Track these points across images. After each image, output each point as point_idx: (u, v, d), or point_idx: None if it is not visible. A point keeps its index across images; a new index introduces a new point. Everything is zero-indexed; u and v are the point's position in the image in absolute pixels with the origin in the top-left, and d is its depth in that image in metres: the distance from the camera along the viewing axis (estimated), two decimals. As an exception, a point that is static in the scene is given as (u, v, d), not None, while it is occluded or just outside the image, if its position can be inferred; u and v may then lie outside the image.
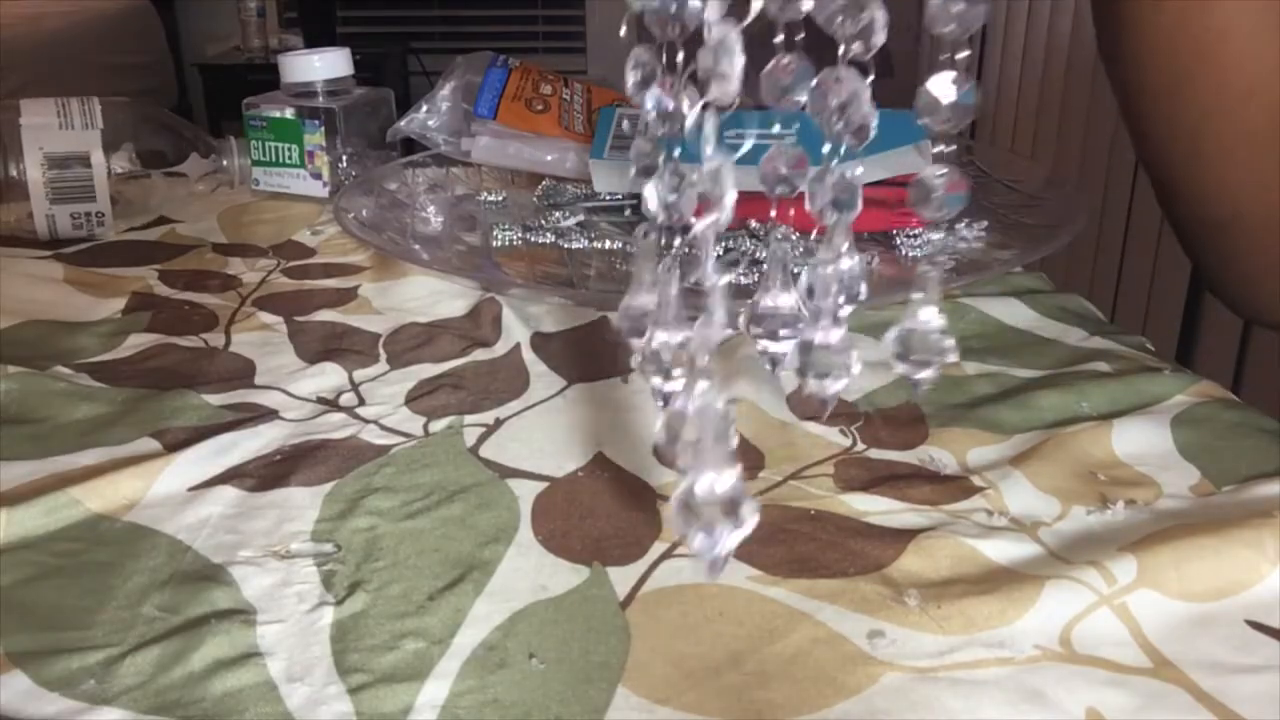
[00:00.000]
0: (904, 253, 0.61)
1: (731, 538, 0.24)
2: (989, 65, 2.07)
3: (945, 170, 0.24)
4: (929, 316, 0.30)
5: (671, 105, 0.24)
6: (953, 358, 0.32)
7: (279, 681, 0.31)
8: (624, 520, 0.38)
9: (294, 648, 0.32)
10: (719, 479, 0.24)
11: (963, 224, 0.63)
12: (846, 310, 0.28)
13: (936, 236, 0.63)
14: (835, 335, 0.29)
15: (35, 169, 0.65)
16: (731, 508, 0.24)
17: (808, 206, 0.26)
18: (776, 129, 0.69)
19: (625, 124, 0.70)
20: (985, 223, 0.63)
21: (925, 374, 0.30)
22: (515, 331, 0.54)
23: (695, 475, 0.24)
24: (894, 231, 0.62)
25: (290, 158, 0.76)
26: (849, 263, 0.28)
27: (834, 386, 0.29)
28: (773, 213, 0.27)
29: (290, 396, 0.48)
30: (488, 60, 0.79)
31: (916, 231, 0.62)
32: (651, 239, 0.25)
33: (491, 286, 0.59)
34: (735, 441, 0.24)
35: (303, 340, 0.54)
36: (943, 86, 0.23)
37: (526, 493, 0.40)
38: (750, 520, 0.24)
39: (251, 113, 0.76)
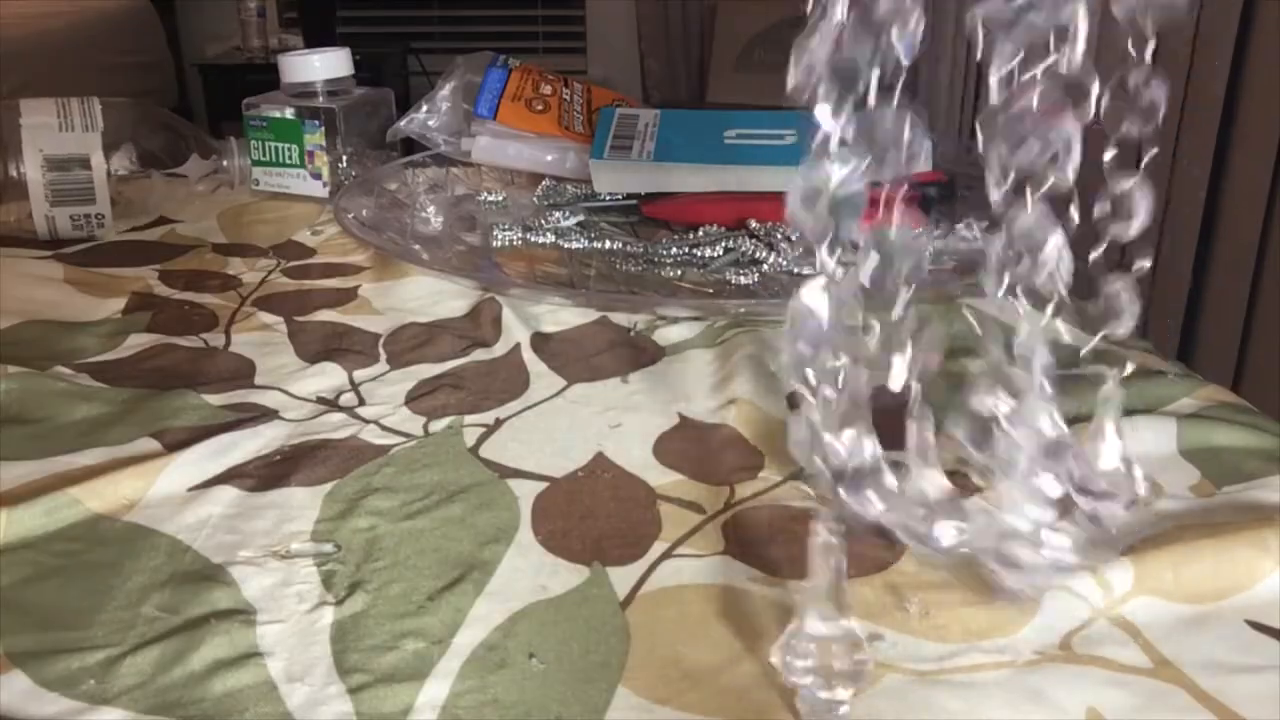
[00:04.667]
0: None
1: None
2: (988, 65, 2.07)
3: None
4: (1110, 451, 0.31)
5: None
6: (1143, 492, 0.33)
7: (279, 681, 0.31)
8: (624, 520, 0.38)
9: (294, 648, 0.32)
10: None
11: (963, 224, 0.63)
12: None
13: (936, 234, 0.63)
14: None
15: (35, 170, 0.65)
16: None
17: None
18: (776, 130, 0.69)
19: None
20: (985, 223, 0.63)
21: (1115, 511, 0.31)
22: (515, 331, 0.54)
23: None
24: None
25: (290, 158, 0.76)
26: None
27: None
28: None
29: (290, 396, 0.48)
30: (488, 60, 0.79)
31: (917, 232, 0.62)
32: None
33: (491, 286, 0.59)
34: None
35: (303, 340, 0.54)
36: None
37: (526, 493, 0.40)
38: None
39: (251, 113, 0.76)
